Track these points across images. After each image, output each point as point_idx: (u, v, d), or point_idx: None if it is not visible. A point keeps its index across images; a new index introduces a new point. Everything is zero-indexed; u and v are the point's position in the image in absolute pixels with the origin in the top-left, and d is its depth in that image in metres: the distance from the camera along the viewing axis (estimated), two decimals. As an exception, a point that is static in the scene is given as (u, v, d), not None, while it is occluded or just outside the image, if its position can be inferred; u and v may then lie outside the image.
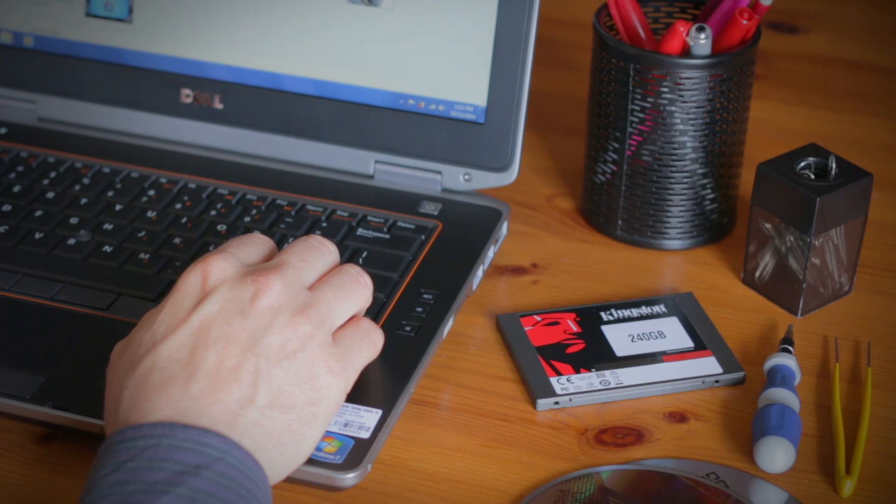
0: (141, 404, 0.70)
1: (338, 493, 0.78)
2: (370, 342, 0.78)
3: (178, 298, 0.74)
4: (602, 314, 0.91)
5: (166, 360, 0.71)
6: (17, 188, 0.99)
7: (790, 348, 0.87)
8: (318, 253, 0.78)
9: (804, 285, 0.91)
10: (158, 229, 0.95)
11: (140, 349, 0.73)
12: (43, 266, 0.91)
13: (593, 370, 0.86)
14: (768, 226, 0.92)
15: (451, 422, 0.84)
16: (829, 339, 0.90)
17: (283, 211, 0.97)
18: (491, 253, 0.95)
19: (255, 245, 0.78)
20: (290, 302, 0.74)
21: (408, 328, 0.86)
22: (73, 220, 0.95)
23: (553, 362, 0.87)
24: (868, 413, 0.83)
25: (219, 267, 0.74)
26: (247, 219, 0.96)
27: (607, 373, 0.86)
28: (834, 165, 0.91)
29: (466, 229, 0.96)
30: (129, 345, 0.74)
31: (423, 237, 0.94)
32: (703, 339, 0.89)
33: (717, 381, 0.86)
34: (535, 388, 0.85)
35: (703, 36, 0.93)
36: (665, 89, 0.94)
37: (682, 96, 0.94)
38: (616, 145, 0.97)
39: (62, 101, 1.05)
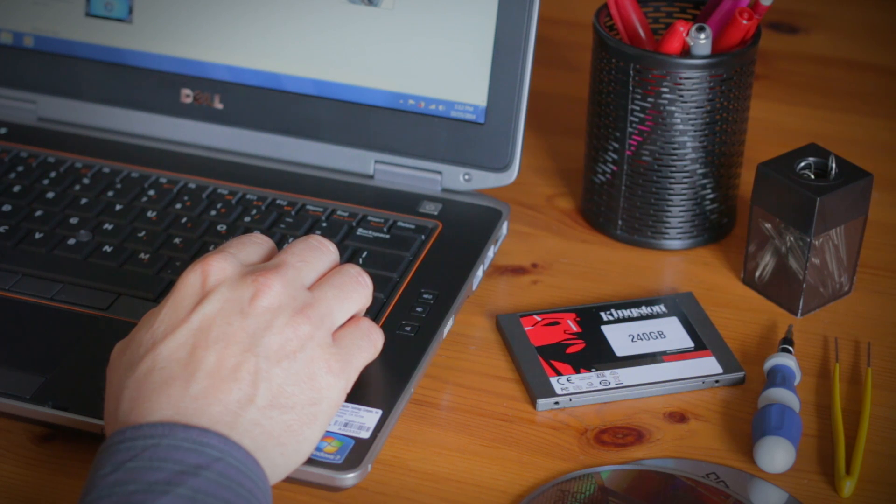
0: (141, 404, 0.70)
1: (338, 493, 0.78)
2: (370, 342, 0.78)
3: (177, 298, 0.74)
4: (602, 314, 0.91)
5: (166, 360, 0.71)
6: (17, 188, 0.99)
7: (790, 348, 0.87)
8: (318, 253, 0.78)
9: (804, 285, 0.91)
10: (158, 229, 0.95)
11: (140, 349, 0.73)
12: (43, 266, 0.91)
13: (593, 370, 0.86)
14: (768, 226, 0.92)
15: (451, 422, 0.84)
16: (829, 339, 0.90)
17: (283, 211, 0.97)
18: (491, 253, 0.95)
19: (255, 245, 0.78)
20: (289, 302, 0.74)
21: (408, 328, 0.86)
22: (73, 220, 0.95)
23: (553, 362, 0.87)
24: (868, 413, 0.83)
25: (219, 267, 0.74)
26: (247, 219, 0.96)
27: (607, 373, 0.86)
28: (834, 165, 0.91)
29: (466, 229, 0.96)
30: (129, 345, 0.74)
31: (423, 237, 0.94)
32: (703, 339, 0.89)
33: (717, 381, 0.86)
34: (535, 388, 0.85)
35: (703, 36, 0.93)
36: (665, 89, 0.94)
37: (682, 96, 0.94)
38: (616, 145, 0.97)
39: (62, 101, 1.05)
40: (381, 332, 0.79)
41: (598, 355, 0.87)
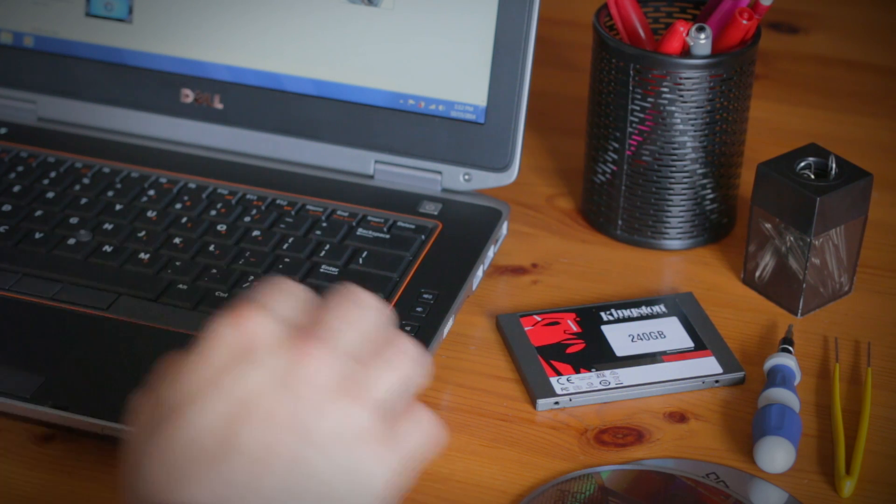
0: (170, 480, 0.62)
1: (338, 493, 0.78)
2: (427, 432, 0.68)
3: (209, 355, 0.64)
4: (602, 314, 0.91)
5: (198, 430, 0.63)
6: (17, 188, 0.99)
7: (790, 348, 0.87)
8: (363, 311, 0.69)
9: (804, 285, 0.91)
10: (158, 229, 0.95)
11: (165, 408, 0.64)
12: (43, 266, 0.91)
13: (593, 370, 0.86)
14: (768, 226, 0.92)
15: (451, 422, 0.84)
16: (829, 339, 0.90)
17: (283, 211, 0.97)
18: (491, 253, 0.95)
19: (292, 296, 0.68)
20: (340, 381, 0.65)
21: (408, 328, 0.86)
22: (73, 220, 0.95)
23: (553, 362, 0.87)
24: (868, 413, 0.83)
25: (259, 325, 0.65)
26: (247, 219, 0.96)
27: (607, 373, 0.86)
28: (834, 165, 0.91)
29: (466, 229, 0.96)
30: (153, 399, 0.65)
31: (423, 237, 0.94)
32: (703, 339, 0.89)
33: (717, 381, 0.86)
34: (535, 388, 0.85)
35: (703, 36, 0.93)
36: (665, 89, 0.94)
37: (682, 96, 0.94)
38: (616, 145, 0.97)
39: (62, 101, 1.05)
40: (438, 423, 0.69)
41: (598, 355, 0.87)
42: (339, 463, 0.64)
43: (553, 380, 0.85)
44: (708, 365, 0.87)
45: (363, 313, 0.68)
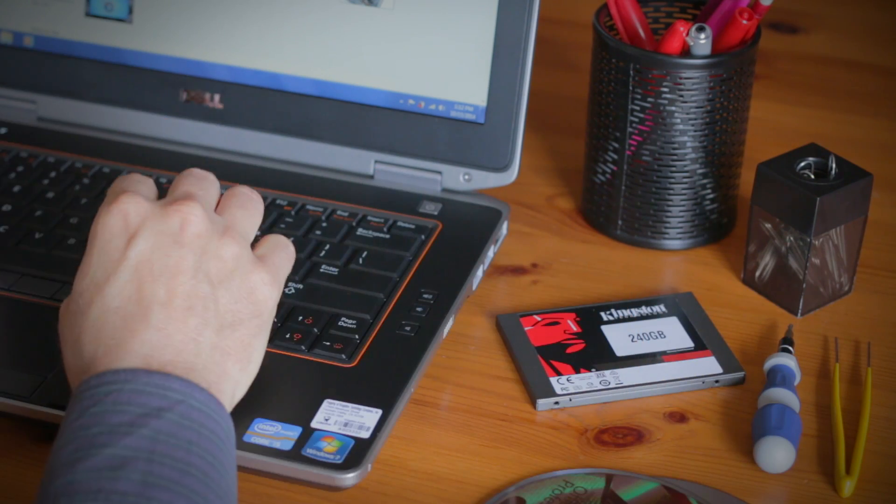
0: (105, 347, 0.72)
1: (338, 493, 0.78)
2: (287, 253, 0.80)
3: (103, 243, 0.75)
4: (602, 314, 0.91)
5: (116, 300, 0.73)
6: (17, 188, 0.99)
7: (790, 348, 0.87)
8: (208, 182, 0.79)
9: (804, 285, 0.91)
10: (158, 229, 0.95)
11: (84, 297, 0.74)
12: (43, 266, 0.91)
13: (593, 370, 0.86)
14: (768, 226, 0.92)
15: (451, 422, 0.84)
16: (829, 339, 0.90)
17: (283, 211, 0.97)
18: (491, 253, 0.95)
19: (143, 183, 0.79)
20: (213, 227, 0.76)
21: (408, 328, 0.86)
22: (73, 220, 0.95)
23: (553, 362, 0.87)
24: (868, 413, 0.83)
25: (135, 203, 0.75)
26: (247, 219, 0.96)
27: (607, 373, 0.86)
28: (834, 165, 0.91)
29: (466, 229, 0.96)
30: (72, 298, 0.75)
31: (423, 237, 0.94)
32: (703, 339, 0.89)
33: (717, 381, 0.86)
34: (535, 388, 0.85)
35: (703, 36, 0.93)
36: (665, 89, 0.94)
37: (682, 96, 0.94)
38: (616, 145, 0.97)
39: (62, 101, 1.05)
40: (289, 242, 0.81)
41: (598, 355, 0.87)
42: (234, 290, 0.75)
43: (553, 380, 0.85)
44: (708, 365, 0.87)
45: (208, 183, 0.79)
